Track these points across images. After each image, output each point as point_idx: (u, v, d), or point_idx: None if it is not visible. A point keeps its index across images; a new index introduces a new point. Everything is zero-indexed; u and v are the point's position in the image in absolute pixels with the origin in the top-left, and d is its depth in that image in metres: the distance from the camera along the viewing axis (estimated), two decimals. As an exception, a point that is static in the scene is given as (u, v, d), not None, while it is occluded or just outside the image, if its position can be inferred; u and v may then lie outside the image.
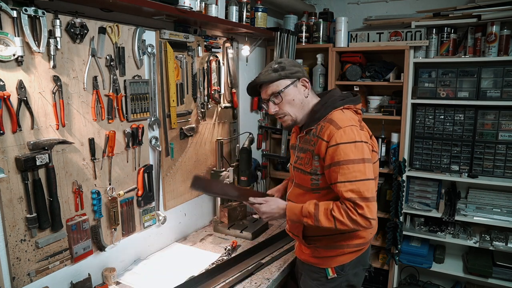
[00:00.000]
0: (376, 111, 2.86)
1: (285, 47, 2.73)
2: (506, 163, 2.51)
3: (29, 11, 1.32)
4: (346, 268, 1.60)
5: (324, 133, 1.46)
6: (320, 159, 1.48)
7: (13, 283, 1.39)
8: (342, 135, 1.42)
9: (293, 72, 1.55)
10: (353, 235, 1.58)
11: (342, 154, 1.40)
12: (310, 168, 1.52)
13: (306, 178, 1.55)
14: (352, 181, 1.39)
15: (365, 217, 1.38)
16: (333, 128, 1.45)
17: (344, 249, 1.58)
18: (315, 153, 1.49)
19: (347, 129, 1.43)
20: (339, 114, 1.50)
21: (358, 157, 1.41)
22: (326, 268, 1.60)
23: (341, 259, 1.59)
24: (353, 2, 3.13)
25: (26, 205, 1.41)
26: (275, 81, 1.53)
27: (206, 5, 2.07)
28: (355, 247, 1.59)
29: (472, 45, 2.57)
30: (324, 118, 1.51)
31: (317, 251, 1.61)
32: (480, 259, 2.64)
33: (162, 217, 2.06)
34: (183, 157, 2.20)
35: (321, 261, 1.61)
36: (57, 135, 1.49)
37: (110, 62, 1.66)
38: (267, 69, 1.57)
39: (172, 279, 1.77)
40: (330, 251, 1.59)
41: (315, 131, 1.51)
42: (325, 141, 1.45)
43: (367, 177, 1.41)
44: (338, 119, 1.47)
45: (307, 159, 1.53)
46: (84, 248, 1.63)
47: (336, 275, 1.59)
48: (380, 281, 2.93)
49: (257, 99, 2.92)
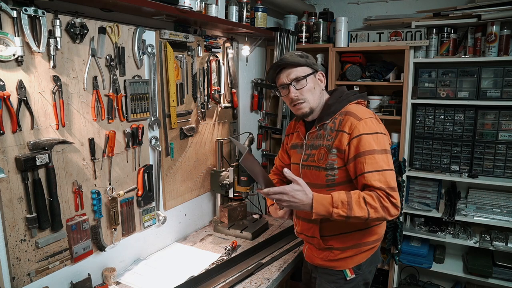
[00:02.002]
0: (376, 111, 2.85)
1: (285, 47, 2.73)
2: (506, 163, 2.51)
3: (29, 11, 1.32)
4: (363, 267, 1.60)
5: (345, 125, 1.47)
6: (339, 151, 1.47)
7: (13, 283, 1.39)
8: (364, 126, 1.44)
9: (314, 63, 1.58)
10: (369, 232, 1.57)
11: (367, 145, 1.42)
12: (326, 163, 1.50)
13: (320, 175, 1.53)
14: (379, 171, 1.41)
15: (395, 205, 1.40)
16: (354, 119, 1.46)
17: (362, 247, 1.57)
18: (333, 147, 1.48)
19: (368, 121, 1.46)
20: (356, 107, 1.52)
21: (381, 148, 1.44)
22: (344, 269, 1.58)
23: (358, 259, 1.58)
24: (353, 2, 3.13)
25: (26, 205, 1.41)
26: (303, 65, 1.53)
27: (206, 5, 2.07)
28: (371, 244, 1.59)
29: (472, 45, 2.57)
30: (340, 112, 1.52)
31: (332, 254, 1.58)
32: (480, 259, 2.64)
33: (162, 217, 2.07)
34: (183, 157, 2.20)
35: (337, 263, 1.59)
36: (57, 135, 1.49)
37: (110, 62, 1.66)
38: (292, 53, 1.57)
39: (172, 279, 1.77)
40: (347, 251, 1.57)
41: (332, 125, 1.51)
42: (347, 133, 1.45)
43: (391, 167, 1.44)
44: (357, 111, 1.49)
45: (321, 154, 1.52)
46: (84, 248, 1.63)
47: (354, 275, 1.58)
48: (380, 281, 2.93)
49: (257, 99, 2.92)
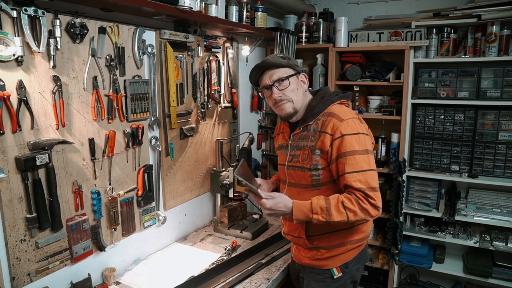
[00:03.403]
0: (376, 111, 2.86)
1: (285, 47, 2.73)
2: (506, 163, 2.51)
3: (29, 11, 1.32)
4: (350, 265, 1.62)
5: (327, 126, 1.49)
6: (322, 152, 1.49)
7: (13, 283, 1.39)
8: (346, 127, 1.45)
9: (296, 64, 1.60)
10: (355, 230, 1.59)
11: (348, 145, 1.44)
12: (310, 163, 1.53)
13: (305, 175, 1.56)
14: (359, 171, 1.42)
15: (375, 206, 1.42)
16: (336, 120, 1.48)
17: (347, 246, 1.58)
18: (316, 148, 1.50)
19: (350, 121, 1.47)
20: (339, 108, 1.54)
21: (362, 148, 1.45)
22: (330, 268, 1.60)
23: (344, 257, 1.60)
24: (353, 2, 3.13)
25: (26, 205, 1.41)
26: (284, 67, 1.55)
27: (206, 5, 2.07)
28: (357, 243, 1.61)
29: (472, 45, 2.57)
30: (323, 113, 1.53)
31: (319, 253, 1.60)
32: (480, 259, 2.64)
33: (162, 217, 2.06)
34: (183, 157, 2.20)
35: (324, 262, 1.61)
36: (57, 135, 1.49)
37: (110, 62, 1.66)
38: (274, 55, 1.61)
39: (172, 279, 1.77)
40: (333, 250, 1.59)
41: (315, 126, 1.53)
42: (330, 134, 1.47)
43: (372, 167, 1.46)
44: (339, 112, 1.51)
45: (305, 155, 1.54)
46: (84, 248, 1.63)
47: (341, 274, 1.60)
48: (380, 281, 2.93)
49: (257, 99, 2.92)
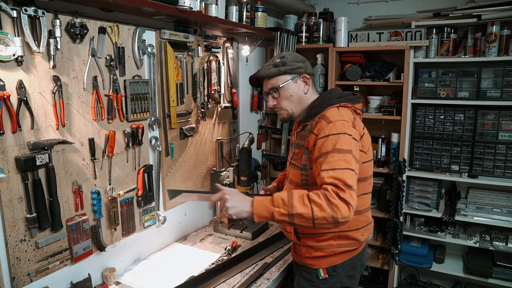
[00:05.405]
0: (376, 111, 2.85)
1: (285, 47, 2.73)
2: (506, 163, 2.51)
3: (29, 11, 1.32)
4: (339, 269, 1.58)
5: (315, 127, 1.48)
6: (309, 152, 1.49)
7: (13, 283, 1.39)
8: (332, 128, 1.42)
9: (294, 68, 1.56)
10: (343, 236, 1.55)
11: (330, 145, 1.38)
12: (300, 162, 1.54)
13: (297, 173, 1.57)
14: (336, 169, 1.33)
15: (346, 201, 1.26)
16: (324, 122, 1.46)
17: (335, 248, 1.55)
18: (305, 147, 1.51)
19: (337, 123, 1.43)
20: (334, 111, 1.51)
21: (344, 148, 1.37)
22: (317, 268, 1.59)
23: (332, 260, 1.57)
24: (353, 2, 3.13)
25: (26, 205, 1.41)
26: (274, 76, 1.55)
27: (206, 5, 2.07)
28: (346, 247, 1.56)
29: (472, 45, 2.57)
30: (320, 115, 1.52)
31: (309, 251, 1.60)
32: (480, 259, 2.64)
33: (162, 217, 2.06)
34: (183, 157, 2.20)
35: (313, 261, 1.60)
36: (57, 135, 1.49)
37: (110, 62, 1.66)
38: (269, 63, 1.60)
39: (172, 279, 1.77)
40: (321, 251, 1.57)
41: (310, 126, 1.53)
42: (315, 134, 1.46)
43: (351, 167, 1.35)
44: (331, 114, 1.48)
45: (300, 154, 1.56)
46: (84, 248, 1.63)
47: (327, 276, 1.57)
48: (380, 281, 2.93)
49: (257, 99, 2.93)
